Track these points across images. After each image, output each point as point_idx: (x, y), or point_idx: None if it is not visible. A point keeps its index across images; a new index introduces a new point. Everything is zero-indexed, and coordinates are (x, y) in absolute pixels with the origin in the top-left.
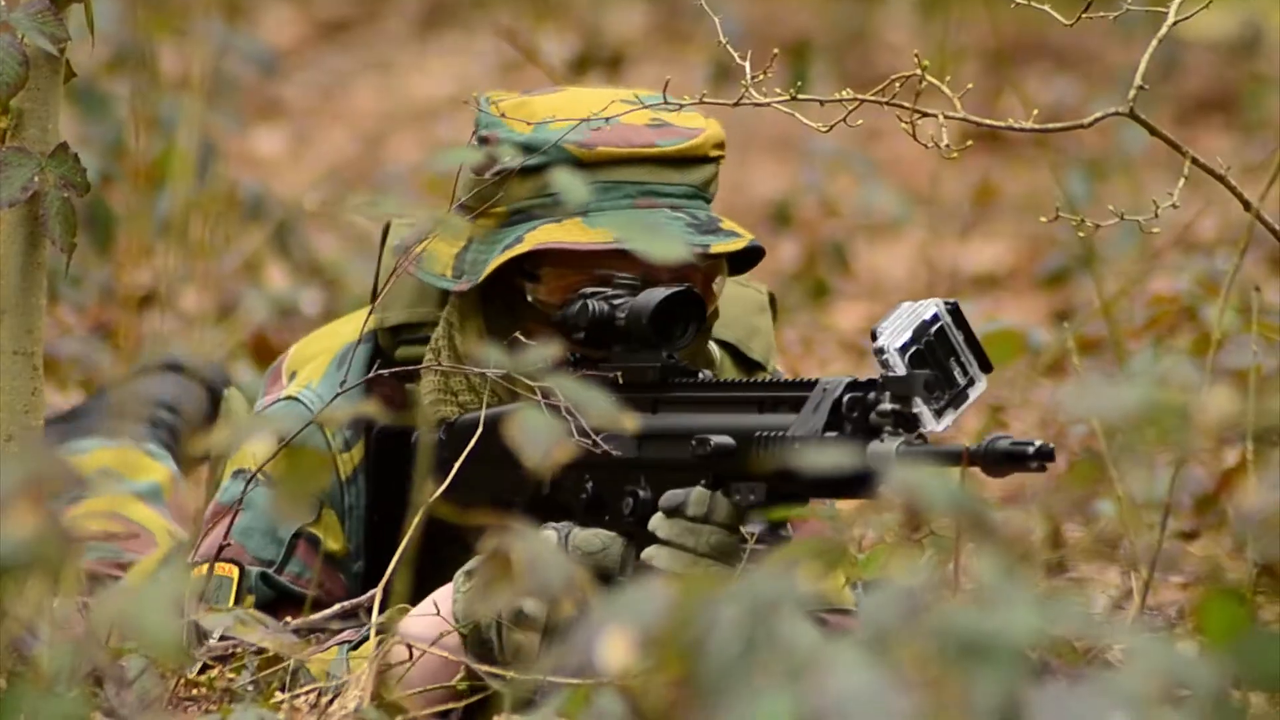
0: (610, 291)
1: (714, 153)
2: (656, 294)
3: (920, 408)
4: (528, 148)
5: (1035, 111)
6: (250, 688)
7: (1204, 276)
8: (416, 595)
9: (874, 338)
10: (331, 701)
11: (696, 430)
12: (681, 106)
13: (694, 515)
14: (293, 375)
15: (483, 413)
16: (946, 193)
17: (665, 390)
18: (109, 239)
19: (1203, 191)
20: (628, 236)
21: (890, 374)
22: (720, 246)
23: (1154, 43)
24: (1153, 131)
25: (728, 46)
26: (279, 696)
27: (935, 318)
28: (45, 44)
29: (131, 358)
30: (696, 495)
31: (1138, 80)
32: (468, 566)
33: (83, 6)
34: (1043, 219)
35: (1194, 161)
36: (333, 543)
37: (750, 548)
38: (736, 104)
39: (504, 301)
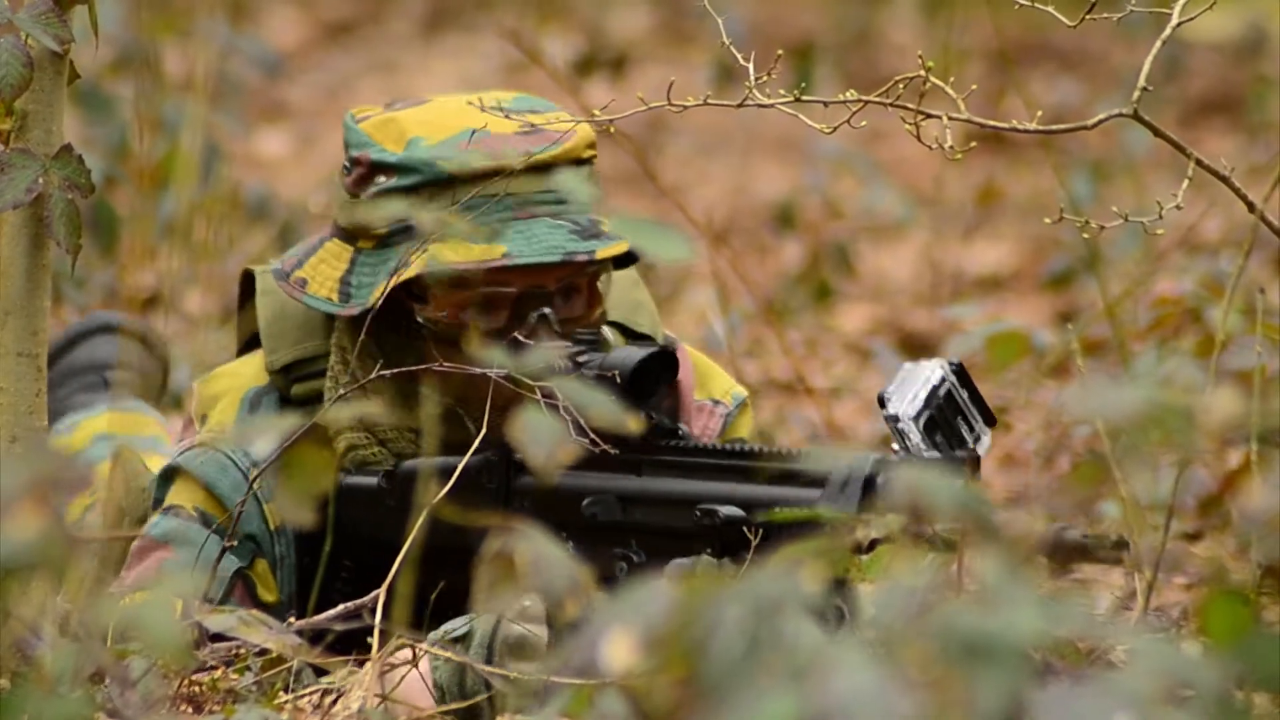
0: (572, 347)
1: (587, 154)
2: (633, 354)
3: None
4: (400, 168)
5: (1039, 113)
6: (254, 688)
7: (1208, 278)
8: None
9: (882, 404)
10: (335, 702)
11: (696, 497)
12: (550, 114)
13: None
14: (203, 418)
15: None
16: (950, 194)
17: (651, 452)
18: (113, 240)
19: (1207, 193)
20: (632, 239)
21: (916, 443)
22: (604, 251)
23: (1158, 44)
24: (1156, 133)
25: (731, 47)
26: (282, 697)
27: (943, 380)
28: (50, 44)
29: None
30: (706, 565)
31: (1141, 81)
32: (445, 634)
33: (87, 8)
34: (1047, 220)
35: (1198, 163)
36: (265, 593)
37: None
38: (740, 105)
39: (392, 323)
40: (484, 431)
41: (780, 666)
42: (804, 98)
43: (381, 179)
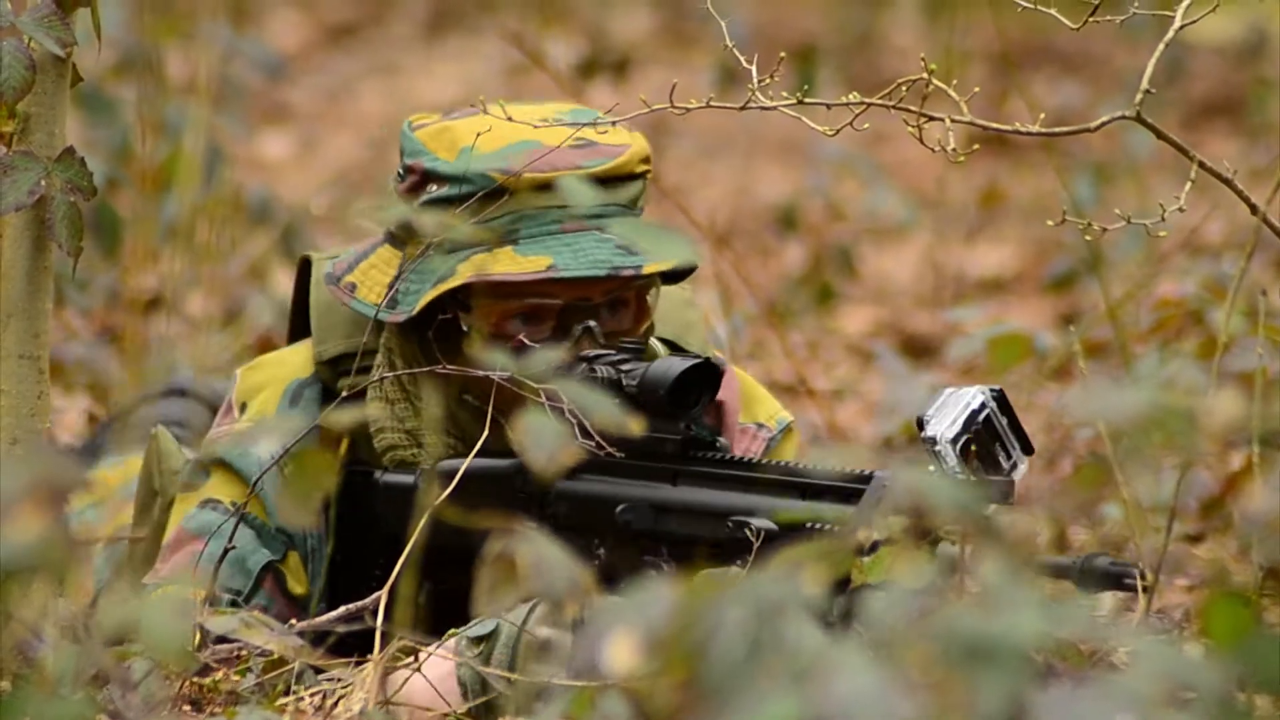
0: (615, 355)
1: (640, 168)
2: (674, 365)
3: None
4: (453, 178)
5: (1042, 115)
6: (255, 690)
7: (1210, 280)
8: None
9: (921, 426)
10: (336, 704)
11: (729, 509)
12: (606, 125)
13: None
14: (243, 406)
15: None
16: (953, 196)
17: (686, 463)
18: (115, 243)
19: (1209, 195)
20: (641, 247)
21: (952, 466)
22: (651, 267)
23: (1160, 47)
24: (1159, 135)
25: (734, 50)
26: (284, 699)
27: (983, 405)
28: (52, 48)
29: (137, 362)
30: (735, 576)
31: (1144, 84)
32: (470, 633)
33: (89, 10)
34: (1049, 223)
35: (1200, 165)
36: (296, 585)
37: None
38: (743, 107)
39: (438, 330)
40: (485, 433)
41: (781, 669)
42: (806, 100)
43: (433, 187)
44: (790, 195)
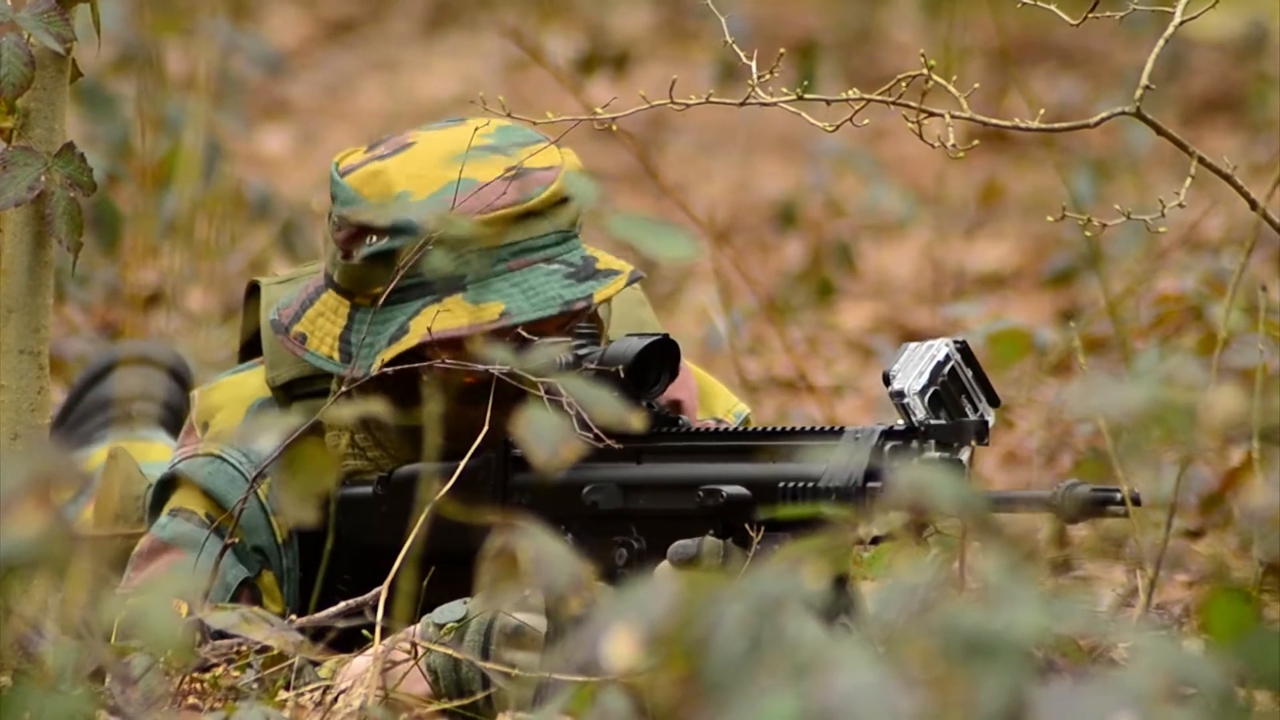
0: (573, 341)
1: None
2: (634, 343)
3: (964, 453)
4: (391, 230)
5: (1041, 111)
6: (255, 686)
7: (1210, 276)
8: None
9: (887, 381)
10: (336, 700)
11: (699, 480)
12: (535, 146)
13: (709, 567)
14: (205, 426)
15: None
16: (952, 192)
17: (650, 440)
18: (115, 238)
19: (1209, 191)
20: (637, 243)
21: (921, 419)
22: (602, 293)
23: (1160, 42)
24: (1159, 131)
25: (734, 46)
26: (283, 694)
27: (948, 358)
28: (52, 44)
29: None
30: (710, 546)
31: (1144, 80)
32: (435, 617)
33: (89, 6)
34: (1049, 218)
35: (1200, 161)
36: (272, 605)
37: None
38: (743, 103)
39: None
40: (485, 431)
41: (782, 665)
42: (806, 96)
43: (372, 239)
44: (790, 191)
